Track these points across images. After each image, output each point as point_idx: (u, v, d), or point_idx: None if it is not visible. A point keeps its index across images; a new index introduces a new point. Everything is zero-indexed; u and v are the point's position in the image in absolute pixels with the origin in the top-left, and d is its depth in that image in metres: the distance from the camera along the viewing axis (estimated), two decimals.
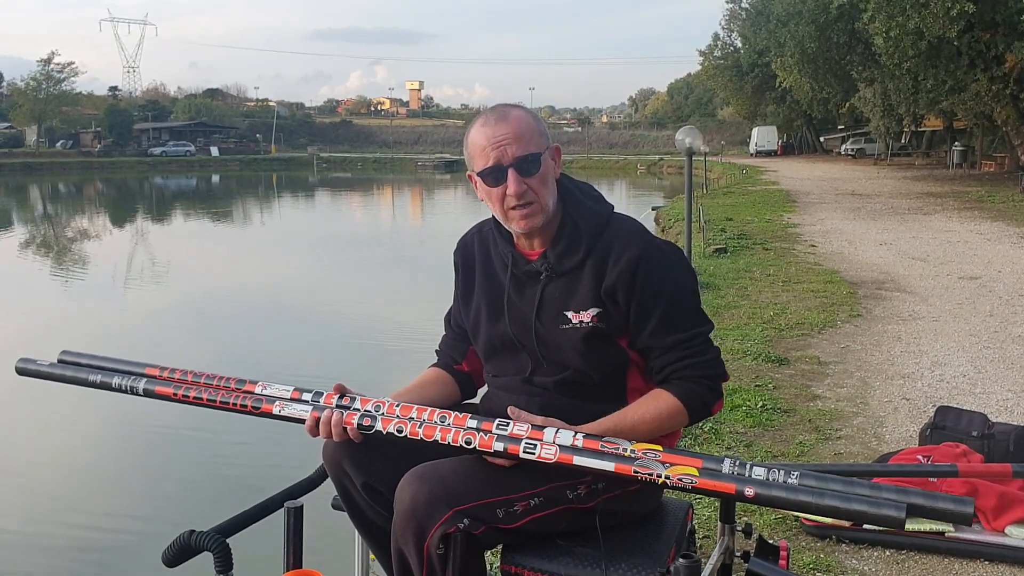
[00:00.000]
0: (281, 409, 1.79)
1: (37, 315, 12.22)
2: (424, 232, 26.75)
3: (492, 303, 1.97)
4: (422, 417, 1.73)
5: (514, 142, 1.79)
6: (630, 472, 1.58)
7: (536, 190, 1.82)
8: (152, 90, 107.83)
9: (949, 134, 41.27)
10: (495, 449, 1.66)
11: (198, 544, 1.68)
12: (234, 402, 1.82)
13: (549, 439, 1.65)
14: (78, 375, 1.97)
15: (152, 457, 6.37)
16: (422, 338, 9.67)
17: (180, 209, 36.05)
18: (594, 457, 1.61)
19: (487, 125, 1.82)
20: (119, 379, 1.91)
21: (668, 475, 1.55)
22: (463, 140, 1.89)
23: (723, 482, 1.53)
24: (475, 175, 1.86)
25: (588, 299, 1.84)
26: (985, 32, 24.47)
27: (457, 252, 2.09)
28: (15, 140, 71.96)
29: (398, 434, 1.70)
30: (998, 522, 3.15)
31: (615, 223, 1.90)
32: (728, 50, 57.32)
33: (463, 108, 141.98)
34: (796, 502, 1.49)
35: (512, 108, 1.86)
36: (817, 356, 6.09)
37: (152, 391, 1.89)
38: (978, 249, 12.15)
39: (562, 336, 1.86)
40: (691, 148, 9.32)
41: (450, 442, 1.67)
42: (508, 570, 1.81)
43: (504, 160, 1.79)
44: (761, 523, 3.38)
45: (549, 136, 1.88)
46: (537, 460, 1.63)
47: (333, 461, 1.84)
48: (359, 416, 1.74)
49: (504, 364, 1.97)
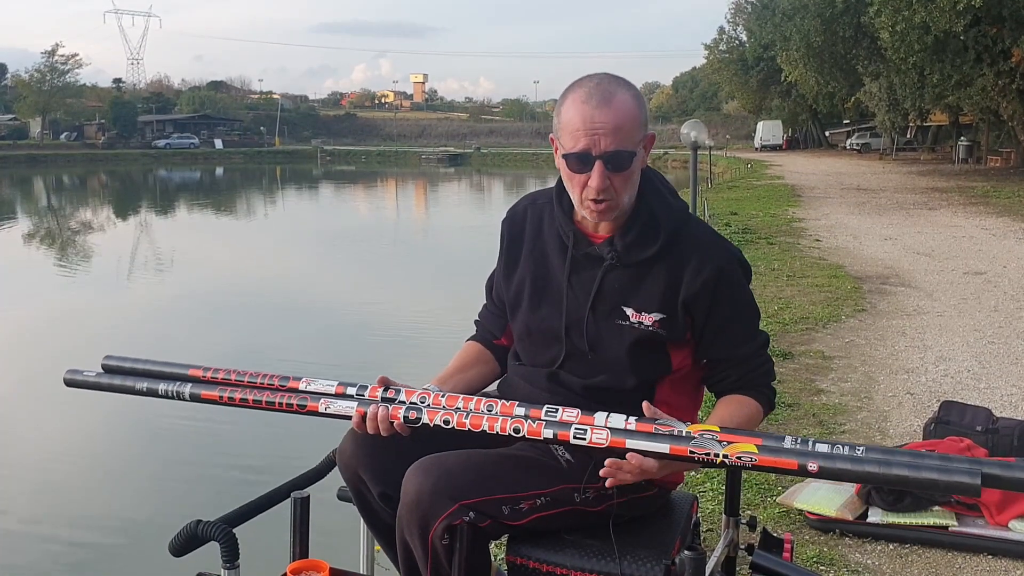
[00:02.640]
0: (327, 407, 1.75)
1: (50, 309, 12.25)
2: (428, 225, 26.77)
3: (537, 284, 1.86)
4: (468, 407, 1.68)
5: (611, 133, 1.64)
6: (686, 452, 1.52)
7: (618, 187, 1.70)
8: (156, 82, 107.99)
9: (955, 129, 41.15)
10: (544, 436, 1.60)
11: (205, 534, 1.68)
12: (280, 402, 1.79)
13: (600, 423, 1.60)
14: (125, 383, 1.94)
15: (159, 448, 6.39)
16: (436, 327, 9.71)
17: (185, 202, 36.08)
18: (647, 439, 1.55)
19: (588, 104, 1.65)
20: (165, 385, 1.88)
21: (726, 454, 1.49)
22: (558, 101, 1.73)
23: (784, 458, 1.47)
24: (559, 146, 1.72)
25: (655, 301, 1.76)
26: (992, 26, 24.39)
27: (505, 223, 1.97)
28: (19, 132, 72.06)
29: (445, 426, 1.66)
30: (1002, 516, 3.16)
31: (692, 224, 1.81)
32: (733, 44, 57.23)
33: (467, 101, 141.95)
34: (862, 473, 1.44)
35: (618, 89, 1.68)
36: (821, 351, 6.09)
37: (199, 395, 1.85)
38: (983, 244, 12.13)
39: (614, 332, 1.78)
40: (696, 142, 9.34)
41: (498, 431, 1.62)
42: (513, 561, 1.81)
43: (595, 150, 1.65)
44: (765, 516, 3.38)
45: (647, 124, 1.74)
46: (588, 445, 1.57)
47: (349, 470, 1.82)
48: (405, 409, 1.70)
49: (535, 352, 1.88)
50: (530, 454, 1.81)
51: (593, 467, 1.78)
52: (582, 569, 1.75)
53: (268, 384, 1.83)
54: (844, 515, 3.26)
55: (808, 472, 1.45)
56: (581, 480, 1.77)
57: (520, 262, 1.90)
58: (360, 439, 1.79)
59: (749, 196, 21.53)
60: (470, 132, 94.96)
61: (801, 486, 3.50)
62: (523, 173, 56.83)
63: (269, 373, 1.85)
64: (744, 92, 58.87)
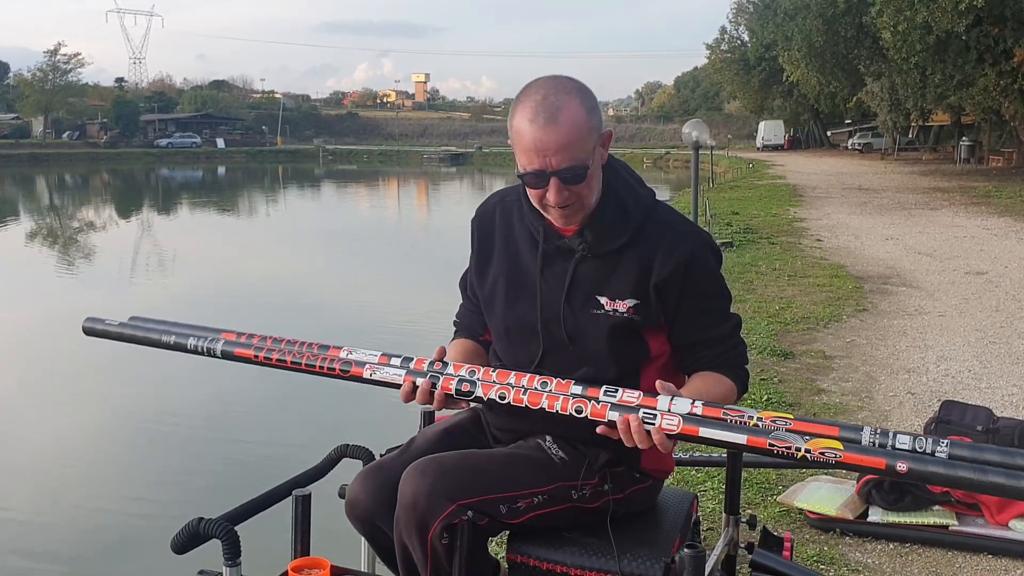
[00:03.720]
0: (372, 373, 1.70)
1: (51, 308, 12.27)
2: (430, 223, 26.77)
3: (512, 281, 1.87)
4: (521, 383, 1.63)
5: (561, 151, 1.65)
6: (764, 445, 1.45)
7: (580, 193, 1.71)
8: (158, 81, 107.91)
9: (957, 129, 41.09)
10: (608, 418, 1.55)
11: (207, 531, 1.68)
12: (321, 365, 1.73)
13: (665, 407, 1.55)
14: (150, 335, 1.88)
15: (161, 446, 6.41)
16: (437, 324, 9.70)
17: (187, 201, 36.10)
18: (721, 428, 1.48)
19: (535, 123, 1.65)
20: (195, 340, 1.82)
21: (809, 448, 1.42)
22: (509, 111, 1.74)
23: (872, 456, 1.40)
24: (517, 162, 1.74)
25: (628, 288, 1.77)
26: (994, 26, 24.37)
27: (475, 221, 1.98)
28: (22, 131, 72.05)
29: (500, 400, 1.62)
30: (1002, 516, 3.16)
31: (660, 210, 1.83)
32: (735, 44, 57.16)
33: (469, 101, 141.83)
34: (954, 478, 1.35)
35: (564, 102, 1.66)
36: (823, 350, 6.09)
37: (231, 352, 1.80)
38: (985, 244, 12.12)
39: (590, 321, 1.79)
40: (698, 142, 9.31)
41: (558, 410, 1.57)
42: (514, 560, 1.82)
43: (548, 168, 1.67)
44: (765, 515, 3.39)
45: (601, 123, 1.73)
46: (659, 431, 1.52)
47: (364, 519, 1.79)
48: (457, 382, 1.66)
49: (513, 349, 1.88)
50: (524, 453, 1.82)
51: (588, 464, 1.80)
52: (583, 567, 1.76)
53: (307, 351, 1.77)
54: (844, 514, 3.26)
55: (897, 473, 1.37)
56: (577, 477, 1.78)
57: (493, 260, 1.91)
58: (373, 488, 1.77)
59: (751, 196, 21.52)
60: (472, 132, 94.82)
61: (801, 485, 3.51)
62: None
63: (308, 341, 1.80)
64: (746, 92, 58.79)
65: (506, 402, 1.62)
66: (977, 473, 1.33)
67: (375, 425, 5.42)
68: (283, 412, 6.77)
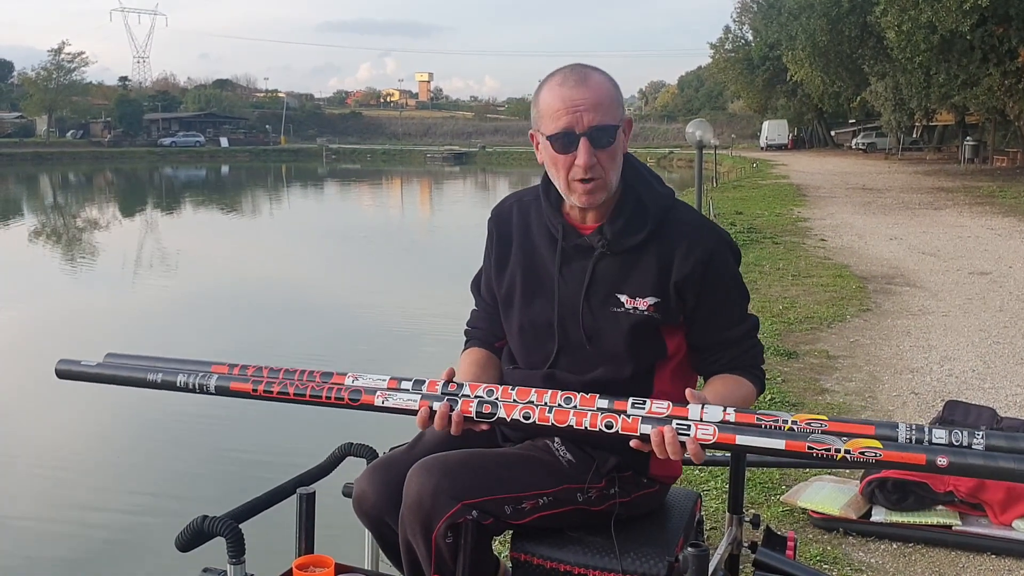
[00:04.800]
0: (384, 400, 1.62)
1: (53, 306, 12.28)
2: (433, 222, 26.77)
3: (529, 279, 1.85)
4: (543, 400, 1.59)
5: (592, 109, 1.65)
6: (803, 448, 1.42)
7: (605, 165, 1.70)
8: (162, 80, 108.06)
9: (961, 129, 41.04)
10: (641, 432, 1.51)
11: (211, 529, 1.68)
12: (327, 395, 1.65)
13: (696, 416, 1.52)
14: (134, 374, 1.76)
15: (166, 445, 6.42)
16: (443, 324, 9.70)
17: (190, 200, 36.13)
18: (758, 435, 1.46)
19: (564, 86, 1.67)
20: (185, 377, 1.71)
21: (849, 449, 1.40)
22: (533, 97, 1.73)
23: (911, 452, 1.38)
24: (540, 136, 1.73)
25: (648, 286, 1.75)
26: (998, 26, 24.34)
27: (492, 221, 1.95)
28: (26, 130, 72.19)
29: (525, 420, 1.56)
30: (1005, 516, 3.15)
31: (680, 209, 1.82)
32: (739, 43, 57.10)
33: (472, 100, 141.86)
34: (995, 469, 1.34)
35: (593, 71, 1.71)
36: (826, 350, 6.08)
37: (226, 388, 1.70)
38: (989, 244, 12.10)
39: (610, 319, 1.77)
40: (701, 141, 9.33)
41: (587, 427, 1.53)
42: (518, 558, 1.82)
43: (578, 127, 1.66)
44: (769, 515, 3.39)
45: (624, 108, 1.75)
46: (694, 441, 1.48)
47: (371, 514, 1.78)
48: (477, 404, 1.60)
49: (528, 349, 1.86)
50: (531, 454, 1.81)
51: (596, 468, 1.79)
52: (586, 566, 1.76)
53: (308, 380, 1.69)
54: (848, 514, 3.26)
55: (937, 468, 1.36)
56: (583, 480, 1.78)
57: (510, 259, 1.89)
58: (381, 483, 1.76)
59: (754, 195, 21.50)
60: (475, 131, 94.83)
61: (805, 485, 3.51)
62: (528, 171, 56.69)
63: (308, 369, 1.72)
64: (750, 91, 58.74)
65: (531, 422, 1.57)
66: (1017, 463, 1.33)
67: (379, 424, 5.40)
68: (287, 410, 6.76)
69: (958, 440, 1.41)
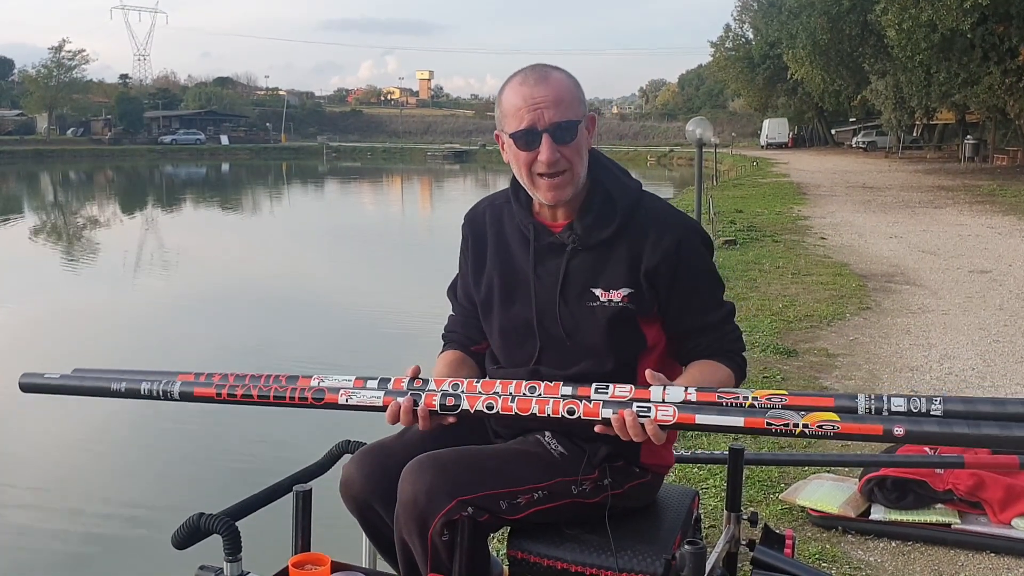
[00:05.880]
0: (348, 398, 1.64)
1: (52, 306, 12.28)
2: (433, 221, 26.77)
3: (506, 281, 1.87)
4: (508, 390, 1.61)
5: (552, 106, 1.69)
6: (762, 425, 1.44)
7: (570, 159, 1.72)
8: (163, 78, 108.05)
9: (961, 127, 41.01)
10: (603, 416, 1.53)
11: (207, 527, 1.68)
12: (291, 396, 1.67)
13: (658, 398, 1.53)
14: (98, 384, 1.79)
15: (162, 443, 6.41)
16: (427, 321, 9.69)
17: (191, 198, 36.13)
18: (717, 413, 1.47)
19: (525, 84, 1.71)
20: (149, 384, 1.74)
21: (807, 423, 1.40)
22: (496, 98, 1.77)
23: (868, 424, 1.39)
24: (505, 136, 1.76)
25: (620, 277, 1.77)
26: (999, 24, 24.34)
27: (466, 225, 1.98)
28: (26, 127, 72.20)
29: (488, 411, 1.58)
30: (1005, 514, 3.15)
31: (647, 200, 1.84)
32: (740, 41, 57.11)
33: (473, 98, 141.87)
34: (950, 435, 1.36)
35: (553, 70, 1.75)
36: (826, 348, 6.08)
37: (190, 393, 1.73)
38: (989, 243, 12.10)
39: (586, 314, 1.79)
40: (702, 140, 9.31)
41: (549, 414, 1.55)
42: (515, 556, 1.82)
43: (539, 124, 1.69)
44: (767, 513, 3.38)
45: (586, 104, 1.78)
46: (653, 423, 1.50)
47: (358, 499, 1.79)
48: (440, 397, 1.63)
49: (510, 350, 1.88)
50: (524, 448, 1.82)
51: (587, 459, 1.80)
52: (583, 563, 1.76)
53: (273, 384, 1.72)
54: (846, 512, 3.25)
55: (894, 437, 1.37)
56: (576, 472, 1.78)
57: (487, 262, 1.92)
58: (368, 468, 1.77)
59: (754, 194, 21.50)
60: (476, 129, 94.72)
61: (803, 483, 3.50)
62: None
63: (273, 374, 1.74)
64: (750, 90, 58.75)
65: (494, 412, 1.60)
66: (971, 428, 1.35)
67: (376, 422, 5.41)
68: (284, 408, 6.76)
69: (916, 407, 1.41)
